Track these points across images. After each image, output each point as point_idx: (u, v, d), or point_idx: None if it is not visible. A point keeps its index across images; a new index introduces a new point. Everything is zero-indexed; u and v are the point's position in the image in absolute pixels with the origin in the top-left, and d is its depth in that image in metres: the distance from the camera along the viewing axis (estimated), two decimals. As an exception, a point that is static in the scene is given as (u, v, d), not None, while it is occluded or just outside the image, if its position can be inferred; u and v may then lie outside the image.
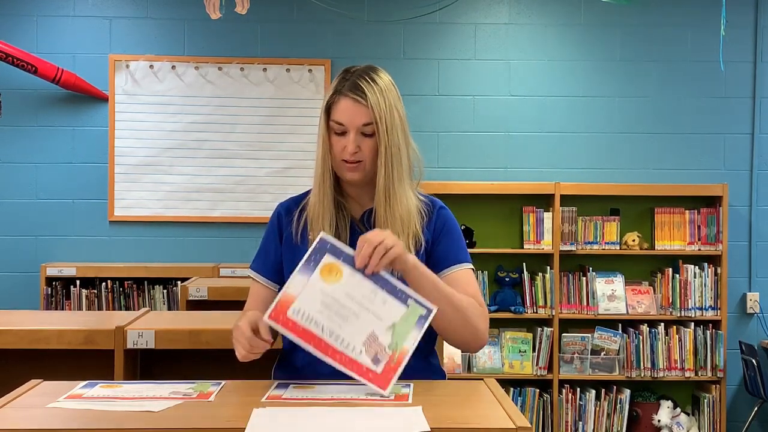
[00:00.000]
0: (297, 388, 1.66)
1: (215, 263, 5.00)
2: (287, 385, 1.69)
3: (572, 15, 5.19)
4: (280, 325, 1.64)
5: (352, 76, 1.88)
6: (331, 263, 1.68)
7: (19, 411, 1.50)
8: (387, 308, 1.67)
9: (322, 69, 5.12)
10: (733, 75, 5.16)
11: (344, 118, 1.85)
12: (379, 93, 1.85)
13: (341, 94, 1.86)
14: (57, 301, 4.92)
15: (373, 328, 1.65)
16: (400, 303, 1.68)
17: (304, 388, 1.66)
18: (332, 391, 1.62)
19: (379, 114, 1.84)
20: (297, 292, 1.66)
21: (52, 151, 5.10)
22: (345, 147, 1.86)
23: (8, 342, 2.32)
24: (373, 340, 1.64)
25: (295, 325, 1.63)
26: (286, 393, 1.62)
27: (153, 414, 1.46)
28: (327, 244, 1.70)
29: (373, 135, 1.86)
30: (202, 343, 2.35)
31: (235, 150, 5.12)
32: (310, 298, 1.65)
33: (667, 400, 4.89)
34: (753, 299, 5.17)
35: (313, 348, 1.62)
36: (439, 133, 5.14)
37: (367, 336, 1.64)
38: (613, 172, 5.17)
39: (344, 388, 1.64)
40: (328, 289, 1.66)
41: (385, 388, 1.60)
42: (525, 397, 4.86)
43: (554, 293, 4.87)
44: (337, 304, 1.65)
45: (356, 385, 1.67)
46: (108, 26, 5.12)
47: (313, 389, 1.64)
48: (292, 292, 1.66)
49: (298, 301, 1.65)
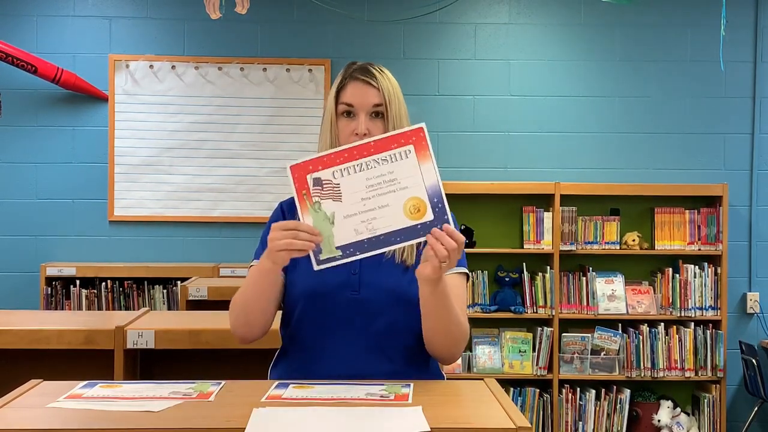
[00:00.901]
0: (297, 388, 1.66)
1: (215, 263, 5.00)
2: (287, 385, 1.68)
3: (572, 15, 5.19)
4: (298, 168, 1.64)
5: (359, 64, 1.91)
6: (422, 202, 1.65)
7: (19, 411, 1.50)
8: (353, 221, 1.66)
9: (322, 69, 5.12)
10: (733, 75, 5.16)
11: (355, 99, 1.86)
12: (387, 79, 1.89)
13: (351, 78, 1.89)
14: (57, 301, 4.92)
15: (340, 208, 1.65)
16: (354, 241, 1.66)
17: (304, 388, 1.65)
18: (332, 391, 1.62)
19: (389, 97, 1.86)
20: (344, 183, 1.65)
21: (52, 151, 5.10)
22: (354, 130, 1.86)
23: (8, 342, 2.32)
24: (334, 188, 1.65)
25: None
26: (286, 393, 1.62)
27: (153, 414, 1.46)
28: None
29: (382, 117, 1.87)
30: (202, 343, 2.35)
31: (235, 150, 5.12)
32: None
33: (667, 400, 4.89)
34: (753, 299, 5.17)
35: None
36: (439, 133, 5.14)
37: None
38: (613, 172, 5.17)
39: (344, 388, 1.64)
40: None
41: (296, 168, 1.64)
42: (525, 397, 4.86)
43: (554, 293, 4.87)
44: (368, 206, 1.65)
45: (356, 385, 1.67)
46: (108, 26, 5.12)
47: (313, 389, 1.64)
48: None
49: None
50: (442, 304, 1.73)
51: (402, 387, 1.66)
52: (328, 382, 1.69)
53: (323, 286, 1.80)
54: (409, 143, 1.65)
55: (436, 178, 1.64)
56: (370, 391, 1.62)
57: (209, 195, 5.12)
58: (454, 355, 1.84)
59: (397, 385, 1.68)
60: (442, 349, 1.83)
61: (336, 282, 1.80)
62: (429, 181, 1.64)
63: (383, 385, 1.67)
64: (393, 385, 1.67)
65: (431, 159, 1.64)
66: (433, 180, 1.64)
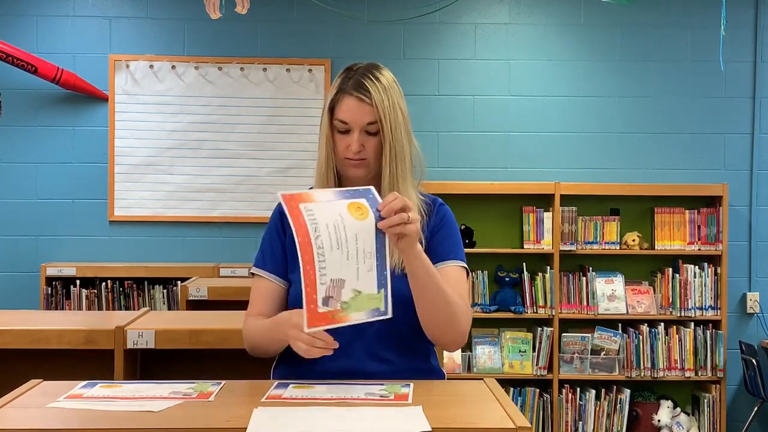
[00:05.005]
0: (297, 388, 1.66)
1: (215, 263, 5.00)
2: (287, 385, 1.68)
3: (572, 15, 5.19)
4: (286, 204, 1.62)
5: (355, 74, 1.87)
6: (363, 205, 1.66)
7: (19, 411, 1.50)
8: (367, 276, 1.65)
9: (322, 69, 5.12)
10: (733, 75, 5.16)
11: (348, 117, 1.85)
12: (383, 91, 1.85)
13: (345, 93, 1.86)
14: (57, 301, 4.92)
15: (347, 277, 1.63)
16: (377, 284, 1.66)
17: (304, 388, 1.65)
18: (332, 391, 1.62)
19: (383, 113, 1.83)
20: (320, 198, 1.64)
21: (52, 151, 5.10)
22: (349, 146, 1.85)
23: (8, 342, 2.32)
24: (339, 285, 1.62)
25: (299, 216, 1.61)
26: (286, 393, 1.62)
27: (153, 414, 1.45)
28: (370, 193, 1.69)
29: (377, 134, 1.85)
30: (202, 343, 2.35)
31: (235, 150, 5.12)
32: (327, 211, 1.62)
33: (667, 400, 4.89)
34: (753, 299, 5.17)
35: (298, 242, 1.59)
36: (439, 133, 5.14)
37: (339, 277, 1.62)
38: (613, 172, 5.17)
39: (344, 388, 1.64)
40: (346, 218, 1.63)
41: (307, 326, 1.60)
42: (525, 397, 4.86)
43: (554, 293, 4.87)
44: (344, 233, 1.62)
45: (356, 385, 1.67)
46: (108, 26, 5.12)
47: (313, 389, 1.64)
48: (316, 197, 1.65)
49: (317, 204, 1.63)
50: (433, 282, 1.73)
51: (402, 387, 1.66)
52: (328, 382, 1.69)
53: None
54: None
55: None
56: (370, 391, 1.62)
57: (209, 195, 5.12)
58: (455, 339, 1.83)
59: (397, 385, 1.68)
60: (440, 332, 1.82)
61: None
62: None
63: (383, 385, 1.67)
64: (393, 385, 1.67)
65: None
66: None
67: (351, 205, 1.64)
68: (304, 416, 1.45)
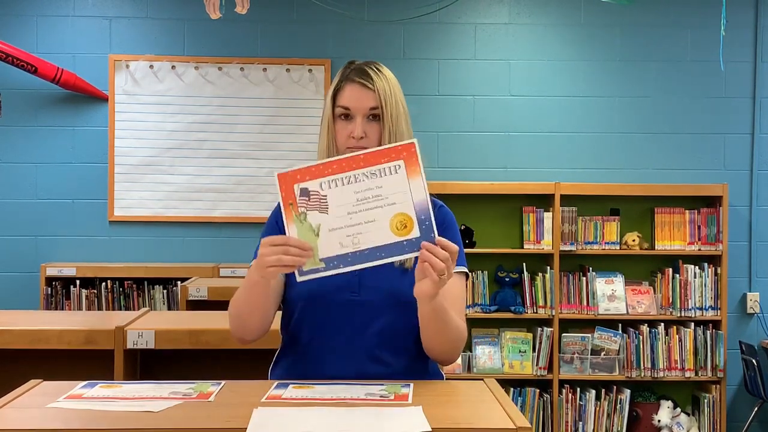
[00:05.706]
0: (297, 388, 1.66)
1: (215, 263, 5.00)
2: (287, 385, 1.68)
3: (572, 15, 5.19)
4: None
5: (357, 65, 1.91)
6: (411, 219, 1.62)
7: (19, 411, 1.50)
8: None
9: (322, 69, 5.12)
10: (733, 75, 5.16)
11: (351, 103, 1.86)
12: (385, 80, 1.87)
13: (348, 80, 1.88)
14: (57, 301, 4.92)
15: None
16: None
17: (304, 388, 1.65)
18: (332, 391, 1.61)
19: (385, 99, 1.85)
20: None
21: (52, 151, 5.10)
22: (351, 133, 1.86)
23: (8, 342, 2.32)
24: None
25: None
26: (286, 393, 1.62)
27: (153, 414, 1.45)
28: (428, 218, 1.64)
29: (379, 120, 1.86)
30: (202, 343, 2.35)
31: (235, 150, 5.12)
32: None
33: (667, 400, 4.89)
34: (753, 299, 5.17)
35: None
36: (439, 133, 5.14)
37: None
38: (613, 172, 5.17)
39: (344, 388, 1.64)
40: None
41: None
42: (525, 397, 4.86)
43: (554, 293, 4.86)
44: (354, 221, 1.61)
45: (356, 385, 1.67)
46: (108, 26, 5.12)
47: (313, 389, 1.64)
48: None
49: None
50: (441, 318, 1.73)
51: (402, 387, 1.66)
52: (328, 382, 1.69)
53: (322, 288, 1.79)
54: (399, 158, 1.62)
55: (425, 195, 1.61)
56: (370, 391, 1.62)
57: (209, 195, 5.12)
58: (453, 357, 1.85)
59: (396, 385, 1.68)
60: (440, 353, 1.83)
61: (335, 284, 1.79)
62: (417, 197, 1.61)
63: (383, 385, 1.67)
64: (393, 385, 1.67)
65: (421, 175, 1.61)
66: (421, 196, 1.61)
67: (397, 216, 1.62)
68: (304, 416, 1.45)
